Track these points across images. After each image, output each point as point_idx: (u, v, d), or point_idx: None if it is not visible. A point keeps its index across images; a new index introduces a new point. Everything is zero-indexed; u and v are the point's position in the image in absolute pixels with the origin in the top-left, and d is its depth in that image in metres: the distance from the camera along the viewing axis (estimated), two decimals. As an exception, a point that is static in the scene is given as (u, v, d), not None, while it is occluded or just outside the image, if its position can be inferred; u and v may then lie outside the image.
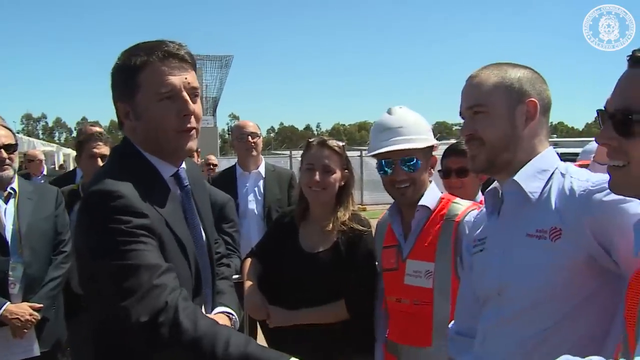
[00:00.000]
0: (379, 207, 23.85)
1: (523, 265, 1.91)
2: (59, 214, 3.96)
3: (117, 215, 1.76)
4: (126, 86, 1.92)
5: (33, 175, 10.00)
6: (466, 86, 2.06)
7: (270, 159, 25.77)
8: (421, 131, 2.75)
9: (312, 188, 3.05)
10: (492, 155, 1.98)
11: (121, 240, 1.74)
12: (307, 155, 3.11)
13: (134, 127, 1.94)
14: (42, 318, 3.65)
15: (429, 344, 2.64)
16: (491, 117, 1.97)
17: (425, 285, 2.65)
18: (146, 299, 1.68)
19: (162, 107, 1.90)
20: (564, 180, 1.91)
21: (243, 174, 5.01)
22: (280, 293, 3.10)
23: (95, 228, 1.79)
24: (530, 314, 1.90)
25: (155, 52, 1.89)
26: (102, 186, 1.81)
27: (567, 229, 1.81)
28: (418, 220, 2.75)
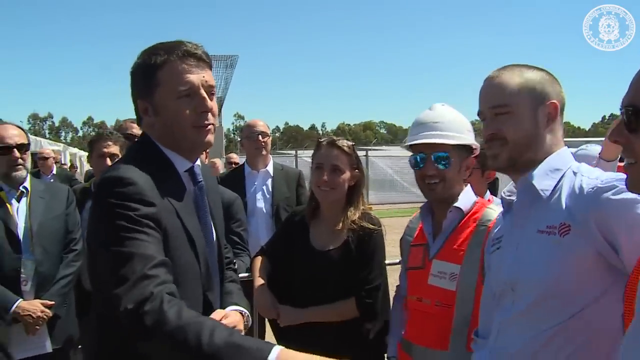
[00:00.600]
0: (385, 206, 23.93)
1: (533, 260, 1.95)
2: (70, 213, 3.99)
3: (125, 201, 1.81)
4: (146, 84, 2.00)
5: (43, 174, 10.12)
6: (487, 86, 2.10)
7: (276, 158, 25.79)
8: (458, 129, 2.69)
9: (321, 187, 3.07)
10: (515, 154, 2.03)
11: (124, 227, 1.78)
12: (317, 155, 3.13)
13: (152, 123, 2.03)
14: (53, 315, 3.69)
15: (445, 348, 2.60)
16: (515, 117, 2.02)
17: (449, 287, 2.61)
18: (135, 288, 1.70)
19: (180, 104, 1.98)
20: (575, 179, 1.95)
21: (252, 172, 5.03)
22: (290, 292, 3.12)
23: (103, 214, 1.85)
24: (540, 309, 1.93)
25: (175, 51, 1.98)
26: (114, 173, 1.88)
27: (575, 225, 1.85)
28: (450, 222, 2.71)
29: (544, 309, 1.92)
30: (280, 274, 3.23)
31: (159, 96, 1.99)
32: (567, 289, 1.88)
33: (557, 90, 2.07)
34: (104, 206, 1.84)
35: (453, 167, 2.68)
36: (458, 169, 2.71)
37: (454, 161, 2.68)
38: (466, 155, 2.75)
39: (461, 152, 2.71)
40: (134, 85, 2.06)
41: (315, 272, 3.06)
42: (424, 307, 2.71)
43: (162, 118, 2.00)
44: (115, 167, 1.95)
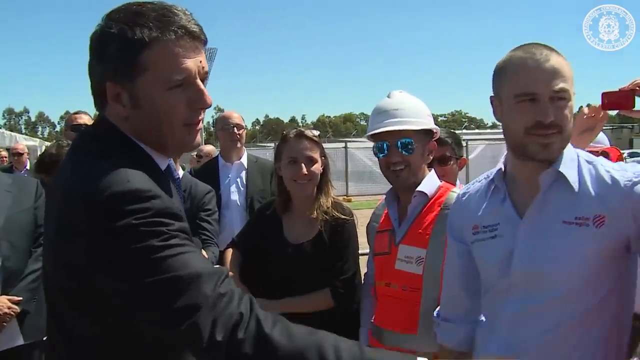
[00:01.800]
0: (364, 198, 23.92)
1: (561, 252, 1.92)
2: (39, 206, 3.88)
3: (157, 218, 1.40)
4: (123, 65, 1.50)
5: (16, 170, 10.01)
6: (545, 67, 1.88)
7: (256, 151, 25.71)
8: (418, 115, 2.73)
9: (298, 181, 3.04)
10: (565, 145, 1.96)
11: (167, 245, 1.38)
12: (287, 149, 3.08)
13: (126, 115, 1.55)
14: (22, 311, 3.62)
15: (414, 331, 2.63)
16: (569, 107, 1.92)
17: (416, 271, 2.63)
18: (216, 313, 1.37)
19: (171, 96, 1.53)
20: (597, 169, 1.95)
21: (225, 165, 4.98)
22: (264, 285, 3.09)
23: (119, 239, 1.37)
24: (567, 300, 1.93)
25: (169, 27, 1.50)
26: (122, 187, 1.40)
27: (610, 216, 1.86)
28: (414, 206, 2.74)
29: (571, 299, 1.92)
30: (253, 267, 3.20)
31: (143, 84, 1.51)
32: (597, 277, 1.91)
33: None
34: (118, 230, 1.36)
35: (416, 152, 2.71)
36: (421, 153, 2.74)
37: (417, 146, 2.70)
38: (428, 140, 2.78)
39: (423, 137, 2.74)
40: (101, 61, 1.54)
41: (290, 266, 3.05)
42: (391, 292, 2.73)
43: (144, 112, 1.53)
44: (100, 169, 1.44)
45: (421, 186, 2.73)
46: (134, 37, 1.47)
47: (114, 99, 1.53)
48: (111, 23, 1.51)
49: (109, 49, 1.50)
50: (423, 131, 2.73)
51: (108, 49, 1.50)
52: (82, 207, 1.40)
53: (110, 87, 1.52)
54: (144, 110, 1.53)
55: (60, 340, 1.60)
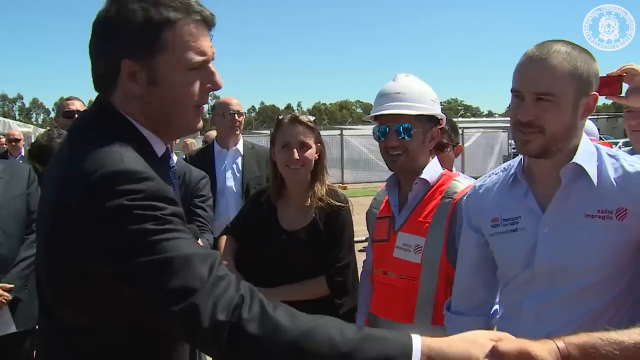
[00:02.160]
0: (360, 185, 23.99)
1: (585, 245, 1.94)
2: (32, 193, 3.86)
3: (149, 201, 1.39)
4: (143, 42, 1.51)
5: (11, 156, 10.02)
6: (534, 67, 1.94)
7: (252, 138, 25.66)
8: (421, 99, 2.64)
9: (291, 166, 2.99)
10: (549, 143, 1.95)
11: (161, 229, 1.38)
12: (281, 133, 3.04)
13: (141, 94, 1.55)
14: (14, 298, 3.59)
15: (411, 321, 2.57)
16: (557, 108, 1.91)
17: (414, 260, 2.58)
18: (216, 295, 1.35)
19: (188, 77, 1.57)
20: (620, 164, 1.97)
21: (221, 151, 4.93)
22: (259, 272, 3.05)
23: (120, 220, 1.36)
24: (591, 291, 1.96)
25: (191, 10, 1.55)
26: (115, 167, 1.40)
27: (633, 208, 1.90)
28: (415, 194, 2.68)
29: (595, 290, 1.95)
30: (247, 254, 3.16)
31: (164, 63, 1.53)
32: (619, 269, 1.94)
33: (597, 80, 1.99)
34: (110, 210, 1.36)
35: (415, 138, 2.62)
36: (422, 139, 2.66)
37: (417, 132, 2.62)
38: (431, 126, 2.69)
39: (425, 122, 2.65)
40: (117, 39, 1.53)
41: (285, 253, 3.02)
42: (389, 280, 2.69)
43: (160, 90, 1.55)
44: (96, 150, 1.44)
45: (423, 173, 2.66)
46: (159, 16, 1.50)
47: (129, 77, 1.53)
48: (131, 2, 1.51)
49: (128, 26, 1.50)
50: (425, 117, 2.64)
51: (128, 26, 1.50)
52: (76, 187, 1.40)
53: (126, 65, 1.52)
54: (161, 89, 1.55)
55: (51, 331, 1.59)
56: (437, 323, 2.47)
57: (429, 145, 2.71)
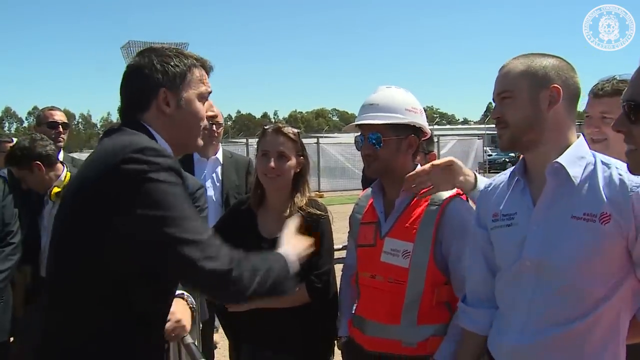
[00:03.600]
0: (337, 193, 24.04)
1: (568, 245, 2.04)
2: (6, 205, 3.84)
3: (169, 172, 1.88)
4: (176, 78, 2.11)
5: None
6: (498, 75, 2.22)
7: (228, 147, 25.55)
8: (394, 109, 2.75)
9: (268, 175, 3.05)
10: (515, 134, 2.16)
11: (177, 193, 1.88)
12: (263, 142, 3.12)
13: (170, 114, 2.10)
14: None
15: (397, 322, 2.68)
16: (515, 102, 2.14)
17: (402, 264, 2.68)
18: (223, 252, 1.95)
19: (200, 105, 2.18)
20: (610, 171, 2.06)
21: (201, 160, 4.90)
22: None
23: (146, 182, 1.82)
24: (575, 292, 2.04)
25: (200, 60, 2.21)
26: (146, 144, 1.90)
27: (616, 215, 1.98)
28: (402, 200, 2.77)
29: (578, 292, 2.04)
30: None
31: (187, 94, 2.13)
32: (601, 274, 2.02)
33: (564, 76, 2.14)
34: (136, 173, 1.82)
35: (387, 146, 2.75)
36: (395, 147, 2.77)
37: (388, 140, 2.75)
38: (407, 134, 2.78)
39: (399, 131, 2.76)
40: (158, 73, 2.10)
41: None
42: (376, 283, 2.77)
43: (184, 112, 2.13)
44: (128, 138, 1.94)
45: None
46: (184, 61, 2.14)
47: (163, 101, 2.08)
48: (170, 52, 2.16)
49: (168, 67, 2.10)
50: (401, 125, 2.75)
51: (168, 67, 2.10)
52: (114, 158, 1.84)
53: (163, 93, 2.08)
54: (184, 112, 2.13)
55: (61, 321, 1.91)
56: (422, 322, 2.65)
57: (407, 153, 2.82)
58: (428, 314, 2.65)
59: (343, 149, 28.42)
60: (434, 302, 2.65)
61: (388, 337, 2.69)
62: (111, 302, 1.87)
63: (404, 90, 2.87)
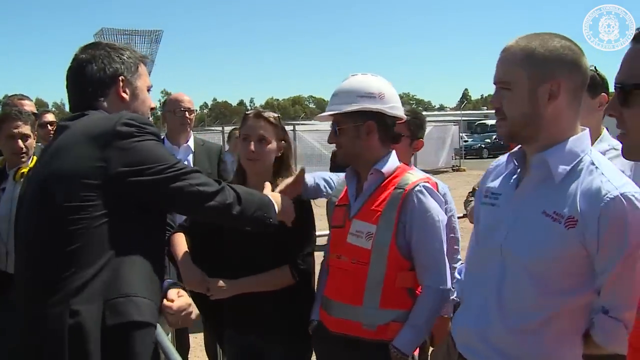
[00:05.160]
0: (314, 180, 23.98)
1: (529, 240, 1.99)
2: None
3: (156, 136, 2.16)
4: (131, 67, 2.35)
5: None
6: (499, 58, 2.07)
7: (204, 135, 25.44)
8: (348, 98, 2.77)
9: (248, 158, 3.08)
10: (512, 130, 2.06)
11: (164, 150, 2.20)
12: (244, 127, 3.13)
13: (127, 101, 2.32)
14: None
15: (359, 303, 2.71)
16: (513, 95, 2.01)
17: (365, 245, 2.72)
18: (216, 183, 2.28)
19: (147, 95, 2.44)
20: (594, 175, 1.94)
21: (172, 148, 4.90)
22: (219, 264, 3.09)
23: (142, 139, 2.08)
24: (532, 290, 1.99)
25: (144, 58, 2.48)
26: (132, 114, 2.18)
27: (582, 222, 1.89)
28: (370, 184, 2.83)
29: (529, 289, 1.99)
30: (205, 249, 3.17)
31: (140, 83, 2.38)
32: (555, 274, 1.96)
33: (569, 66, 1.98)
34: (130, 133, 2.06)
35: (344, 134, 2.82)
36: (353, 134, 2.80)
37: (345, 128, 2.81)
38: (364, 120, 2.78)
39: (354, 118, 2.78)
40: (116, 62, 2.31)
41: (248, 245, 3.05)
42: (342, 264, 2.81)
43: (138, 100, 2.36)
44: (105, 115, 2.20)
45: (378, 164, 2.81)
46: (138, 56, 2.41)
47: (123, 89, 2.30)
48: (121, 45, 2.42)
49: (125, 58, 2.34)
50: (356, 113, 2.76)
51: (124, 58, 2.34)
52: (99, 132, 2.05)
53: (124, 81, 2.31)
54: (139, 100, 2.37)
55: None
56: (384, 306, 2.68)
57: (368, 139, 2.81)
58: (391, 299, 2.68)
59: (320, 136, 28.31)
60: (396, 287, 2.68)
61: (350, 319, 2.74)
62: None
63: (367, 76, 2.86)
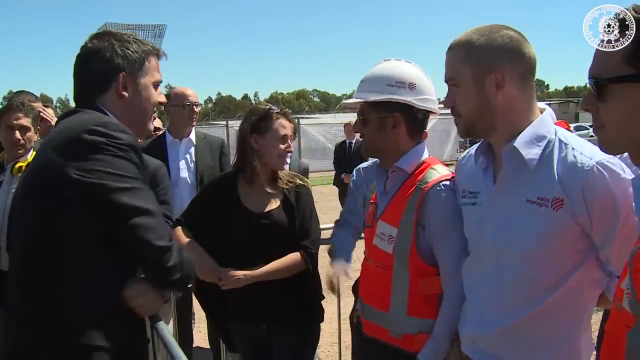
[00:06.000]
0: (317, 174, 23.96)
1: (521, 229, 1.97)
2: None
3: (129, 149, 1.98)
4: (137, 65, 2.21)
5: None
6: (445, 57, 2.09)
7: (208, 129, 25.46)
8: (376, 86, 2.54)
9: (282, 157, 3.19)
10: (468, 125, 2.07)
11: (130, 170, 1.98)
12: (277, 126, 3.17)
13: (127, 97, 2.19)
14: None
15: (387, 310, 2.54)
16: (462, 91, 2.04)
17: (387, 249, 2.52)
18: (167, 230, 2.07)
19: (154, 92, 2.29)
20: (566, 151, 1.93)
21: (174, 141, 4.86)
22: (228, 257, 3.10)
23: (105, 153, 1.93)
24: (527, 281, 1.98)
25: (156, 50, 2.32)
26: (108, 119, 2.03)
27: (568, 200, 1.88)
28: (393, 182, 2.62)
29: (531, 281, 1.98)
30: (207, 241, 3.17)
31: (145, 79, 2.23)
32: (557, 261, 1.94)
33: (511, 55, 1.97)
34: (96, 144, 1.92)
35: (369, 125, 2.59)
36: (377, 126, 2.57)
37: (370, 119, 2.58)
38: (390, 112, 2.55)
39: (380, 109, 2.55)
40: (118, 58, 2.18)
41: (259, 235, 3.10)
42: (369, 267, 2.69)
43: (139, 98, 2.22)
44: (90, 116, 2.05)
45: (400, 161, 2.58)
46: (144, 49, 2.25)
47: (123, 86, 2.18)
48: (128, 38, 2.24)
49: (129, 52, 2.19)
50: (382, 103, 2.53)
51: (129, 51, 2.19)
52: (69, 134, 1.96)
53: (123, 78, 2.18)
54: (141, 97, 2.23)
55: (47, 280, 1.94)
56: (412, 314, 2.48)
57: (393, 132, 2.57)
58: (418, 306, 2.46)
59: (324, 130, 28.41)
60: (422, 294, 2.46)
61: (379, 324, 2.59)
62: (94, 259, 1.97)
63: (399, 63, 2.63)
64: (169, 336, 2.16)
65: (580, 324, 2.02)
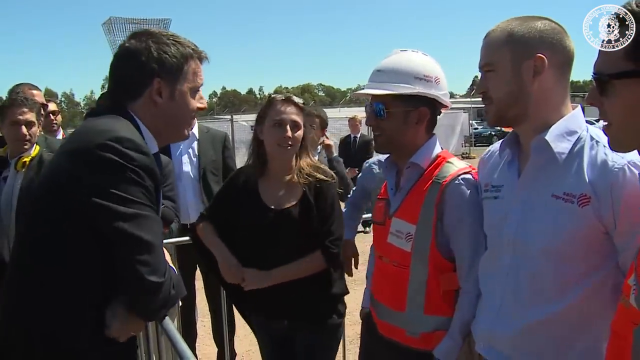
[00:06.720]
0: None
1: (544, 224, 1.93)
2: None
3: (140, 170, 1.84)
4: (174, 69, 2.06)
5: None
6: (482, 45, 2.07)
7: (214, 123, 25.40)
8: (401, 78, 2.42)
9: (283, 145, 2.99)
10: (500, 111, 2.04)
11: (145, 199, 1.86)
12: (273, 112, 3.01)
13: (160, 104, 2.06)
14: None
15: (403, 309, 2.47)
16: (498, 76, 2.01)
17: (405, 248, 2.44)
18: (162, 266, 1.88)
19: (192, 99, 2.14)
20: (597, 149, 1.89)
21: (177, 136, 4.86)
22: (246, 251, 3.06)
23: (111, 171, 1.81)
24: (547, 278, 1.93)
25: (198, 52, 2.15)
26: (126, 134, 1.87)
27: (595, 198, 1.83)
28: (408, 178, 2.51)
29: (546, 279, 1.93)
30: (228, 237, 3.14)
31: (182, 86, 2.09)
32: (573, 258, 1.89)
33: (551, 42, 1.95)
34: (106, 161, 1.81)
35: (392, 118, 2.46)
36: (402, 120, 2.47)
37: (394, 112, 2.45)
38: (417, 106, 2.47)
39: (407, 102, 2.45)
40: (153, 63, 2.05)
41: (277, 231, 3.02)
42: (384, 265, 2.60)
43: (176, 104, 2.09)
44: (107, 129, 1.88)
45: (414, 156, 2.50)
46: (183, 52, 2.08)
47: (156, 91, 2.04)
48: (167, 39, 2.08)
49: (167, 56, 2.05)
50: (408, 96, 2.43)
51: (166, 55, 2.04)
52: (84, 145, 1.85)
53: (158, 83, 2.04)
54: (177, 104, 2.08)
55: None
56: (429, 312, 2.42)
57: (415, 127, 2.49)
58: (435, 304, 2.41)
59: (329, 124, 28.29)
60: (441, 291, 2.40)
61: (394, 324, 2.53)
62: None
63: (420, 55, 2.53)
64: (175, 331, 2.16)
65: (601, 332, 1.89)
